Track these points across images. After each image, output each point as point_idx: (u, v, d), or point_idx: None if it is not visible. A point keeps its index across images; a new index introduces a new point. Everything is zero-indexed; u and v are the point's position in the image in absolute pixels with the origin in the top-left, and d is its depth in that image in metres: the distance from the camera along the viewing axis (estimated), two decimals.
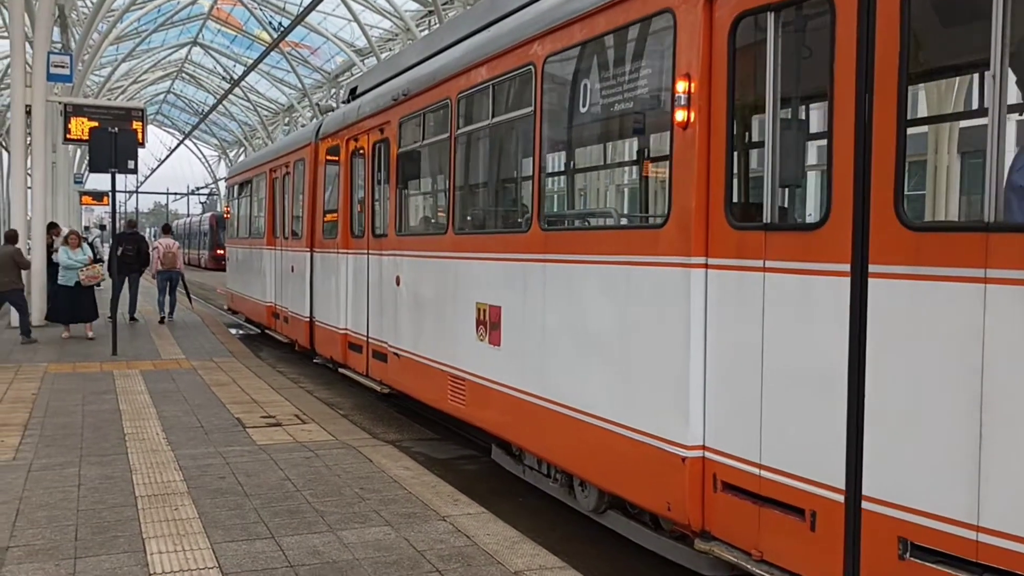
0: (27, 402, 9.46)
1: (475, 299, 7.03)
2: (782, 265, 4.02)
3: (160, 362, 12.73)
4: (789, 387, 4.01)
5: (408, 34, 36.29)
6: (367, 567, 4.80)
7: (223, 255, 48.83)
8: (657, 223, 5.13)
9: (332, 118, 12.21)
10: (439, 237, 7.97)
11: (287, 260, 13.93)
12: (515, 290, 6.37)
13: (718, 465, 4.41)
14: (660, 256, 4.73)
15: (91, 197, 40.23)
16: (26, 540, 5.15)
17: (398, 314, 8.89)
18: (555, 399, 5.80)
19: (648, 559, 5.49)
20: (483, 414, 7.01)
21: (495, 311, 6.67)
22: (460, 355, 7.36)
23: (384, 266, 9.37)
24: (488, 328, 6.78)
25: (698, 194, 4.44)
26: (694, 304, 4.49)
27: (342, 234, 10.95)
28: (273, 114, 63.54)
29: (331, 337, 11.35)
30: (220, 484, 6.41)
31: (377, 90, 10.22)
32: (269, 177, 15.58)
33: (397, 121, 9.01)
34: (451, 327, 7.54)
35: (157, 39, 51.78)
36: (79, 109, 18.07)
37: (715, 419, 4.45)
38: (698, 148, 4.43)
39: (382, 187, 9.65)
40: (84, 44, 29.54)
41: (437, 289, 7.95)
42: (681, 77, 4.51)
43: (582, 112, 5.79)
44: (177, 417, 8.83)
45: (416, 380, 8.48)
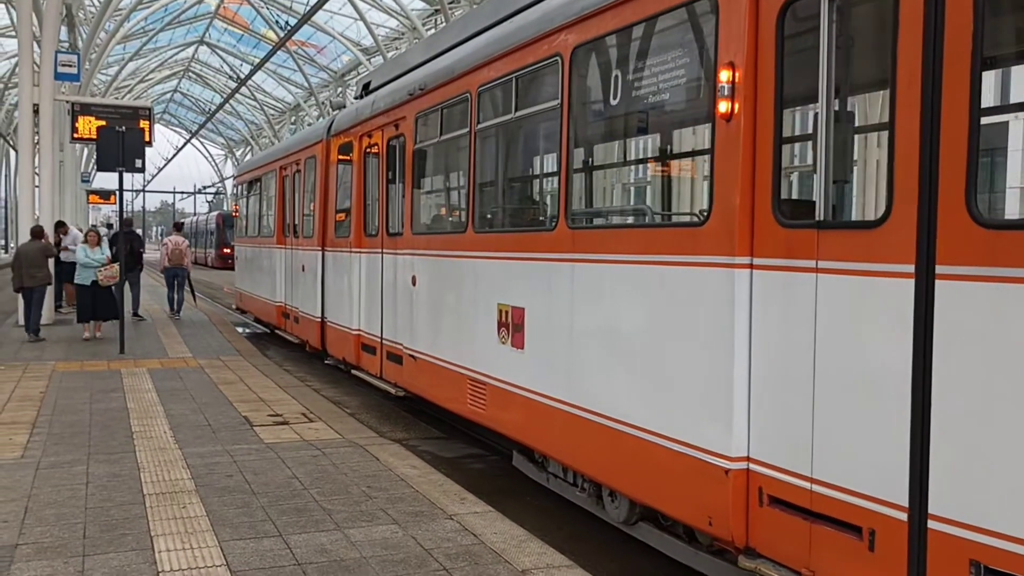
0: (35, 400, 9.49)
1: (496, 300, 6.77)
2: (837, 266, 3.76)
3: (167, 360, 12.75)
4: (845, 395, 3.74)
5: (414, 33, 36.30)
6: (374, 565, 4.81)
7: (229, 254, 49.06)
8: (697, 221, 4.90)
9: (344, 115, 11.96)
10: (458, 236, 7.72)
11: (298, 259, 13.69)
12: (540, 291, 6.14)
13: (764, 478, 4.15)
14: (701, 256, 4.49)
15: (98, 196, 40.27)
16: (35, 537, 5.17)
17: (414, 315, 8.64)
18: (584, 405, 5.54)
19: (655, 558, 5.48)
20: (505, 419, 6.77)
21: (518, 313, 6.43)
22: (480, 358, 7.11)
23: (399, 266, 9.13)
24: (510, 330, 6.54)
25: (743, 190, 4.21)
26: (738, 307, 4.23)
27: (355, 233, 10.70)
28: (280, 113, 63.65)
29: (343, 338, 11.14)
30: (228, 482, 6.42)
31: (391, 85, 9.98)
32: (279, 175, 15.36)
33: (413, 116, 8.75)
34: (470, 329, 7.30)
35: (164, 38, 51.93)
36: (86, 108, 18.08)
37: (760, 429, 4.19)
38: (743, 141, 4.20)
39: (397, 184, 9.40)
40: (91, 43, 29.64)
41: (455, 289, 7.70)
42: (724, 66, 4.28)
43: (613, 104, 5.54)
44: (184, 415, 8.84)
45: (433, 383, 8.22)
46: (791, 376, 4.00)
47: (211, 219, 55.02)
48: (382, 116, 9.81)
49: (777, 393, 4.10)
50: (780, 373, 4.08)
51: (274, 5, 42.25)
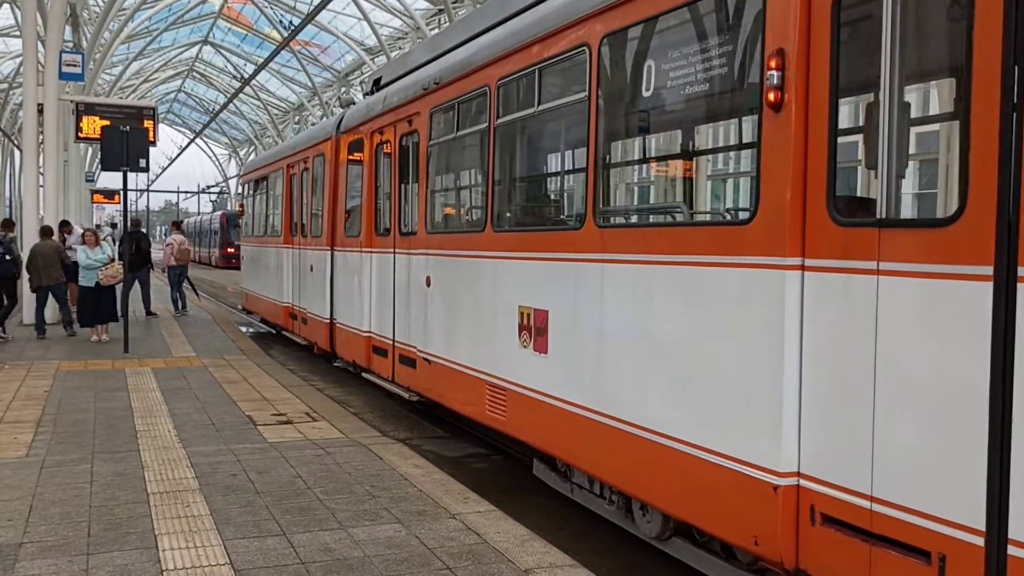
0: (40, 399, 9.54)
1: (517, 302, 6.48)
2: (901, 267, 3.46)
3: (171, 360, 12.78)
4: (911, 408, 3.44)
5: (418, 33, 36.31)
6: (378, 564, 4.82)
7: (233, 253, 49.15)
8: (741, 219, 4.64)
9: (355, 111, 11.72)
10: (476, 235, 7.41)
11: (306, 259, 13.43)
12: (565, 293, 5.85)
13: (817, 495, 3.84)
14: (746, 256, 4.19)
15: (102, 195, 40.36)
16: (39, 536, 5.18)
17: (428, 317, 8.35)
18: (614, 414, 5.24)
19: (658, 557, 5.48)
20: (526, 427, 6.48)
21: (541, 316, 6.15)
22: (500, 362, 6.81)
23: (412, 266, 8.85)
24: (533, 334, 6.25)
25: (794, 186, 3.91)
26: (788, 310, 3.93)
27: (366, 232, 10.43)
28: (283, 113, 63.70)
29: (353, 340, 10.87)
30: (231, 481, 6.43)
31: (404, 80, 9.71)
32: (286, 173, 15.12)
33: (428, 112, 8.47)
34: (489, 332, 7.01)
35: (168, 38, 51.97)
36: (91, 108, 18.12)
37: (813, 443, 3.89)
38: (794, 133, 3.91)
39: (410, 182, 9.12)
40: (95, 43, 29.65)
41: (473, 291, 7.41)
42: (773, 53, 3.99)
43: (645, 96, 5.23)
44: (188, 414, 8.85)
45: (449, 388, 7.92)
46: (848, 386, 3.71)
47: (215, 218, 55.07)
48: (394, 112, 9.54)
49: (831, 404, 3.81)
50: (835, 383, 3.78)
51: (278, 5, 42.25)
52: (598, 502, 5.97)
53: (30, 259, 15.04)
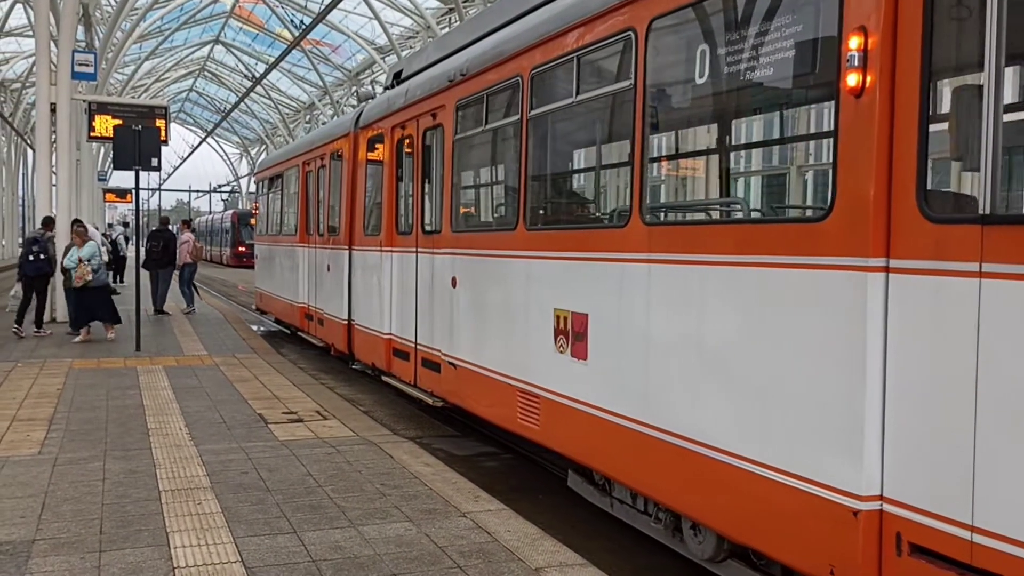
0: (52, 397, 9.58)
1: (553, 305, 6.10)
2: (1010, 269, 3.05)
3: (183, 358, 12.83)
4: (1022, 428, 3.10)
5: (428, 32, 36.32)
6: (388, 563, 4.82)
7: (245, 252, 49.34)
8: (814, 215, 4.22)
9: (374, 105, 11.28)
10: (507, 234, 7.00)
11: (322, 258, 13.12)
12: (607, 295, 5.47)
13: (904, 522, 3.47)
14: (820, 256, 3.81)
15: (115, 194, 40.59)
16: (52, 533, 5.20)
17: (454, 320, 7.97)
18: (664, 427, 4.87)
19: (669, 556, 5.47)
20: (562, 437, 6.10)
21: (579, 319, 5.77)
22: (533, 368, 6.44)
23: (436, 266, 8.46)
24: (570, 339, 5.87)
25: (878, 178, 3.53)
26: (871, 316, 3.54)
27: (386, 231, 10.06)
28: (294, 112, 63.88)
29: (373, 342, 10.50)
30: (243, 479, 6.45)
31: (427, 72, 9.31)
32: (302, 170, 14.79)
33: (453, 105, 8.07)
34: (522, 336, 6.64)
35: (180, 37, 52.22)
36: (103, 107, 18.22)
37: (899, 463, 3.51)
38: (878, 120, 3.54)
39: (434, 178, 8.74)
40: (108, 42, 29.79)
41: (504, 292, 7.03)
42: (853, 31, 3.61)
43: (699, 83, 4.82)
44: (200, 412, 8.88)
45: (477, 394, 7.54)
46: (941, 402, 3.34)
47: (226, 217, 55.27)
48: (417, 105, 9.16)
49: (921, 422, 3.43)
50: (926, 398, 3.41)
51: (289, 4, 42.36)
52: (642, 519, 5.60)
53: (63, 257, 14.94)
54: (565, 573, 4.72)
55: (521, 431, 6.67)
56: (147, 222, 52.80)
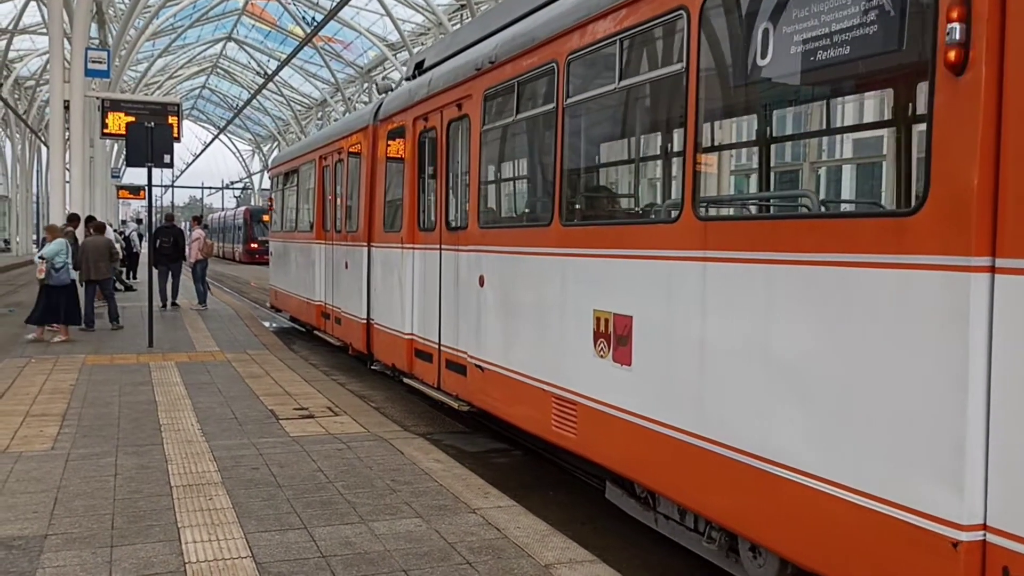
0: (65, 393, 9.63)
1: (592, 306, 5.69)
2: None
3: (195, 354, 12.86)
4: None
5: (440, 28, 36.34)
6: (398, 558, 4.83)
7: (257, 249, 49.56)
8: (901, 209, 3.78)
9: (394, 97, 10.81)
10: (540, 230, 6.56)
11: (340, 255, 12.75)
12: (655, 296, 5.06)
13: (1011, 555, 3.09)
14: (909, 255, 3.40)
15: (128, 191, 40.82)
16: (63, 528, 5.22)
17: (482, 320, 7.57)
18: (722, 440, 4.45)
19: (680, 554, 5.45)
20: (601, 447, 5.70)
21: (623, 322, 5.34)
22: (570, 373, 6.02)
23: (462, 264, 8.07)
24: (612, 343, 5.45)
25: (983, 166, 3.14)
26: (973, 323, 3.15)
27: (407, 227, 9.65)
28: (306, 109, 64.06)
29: (393, 343, 10.15)
30: (254, 475, 6.46)
31: (452, 61, 8.85)
32: (319, 165, 14.42)
33: (481, 94, 7.63)
34: (557, 339, 6.23)
35: (192, 35, 52.46)
36: (116, 104, 18.30)
37: (1005, 488, 3.13)
38: (984, 100, 3.14)
39: (460, 172, 8.34)
40: (121, 40, 29.93)
41: (536, 292, 6.61)
42: (954, 2, 3.23)
43: (762, 65, 4.36)
44: (211, 408, 8.91)
45: (506, 399, 7.13)
46: None
47: (239, 214, 55.47)
48: (441, 96, 8.71)
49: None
50: None
51: (301, 1, 42.49)
52: (691, 537, 5.19)
53: (80, 253, 15.38)
54: (575, 570, 4.71)
55: (556, 440, 6.26)
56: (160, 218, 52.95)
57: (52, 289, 13.89)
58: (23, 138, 52.17)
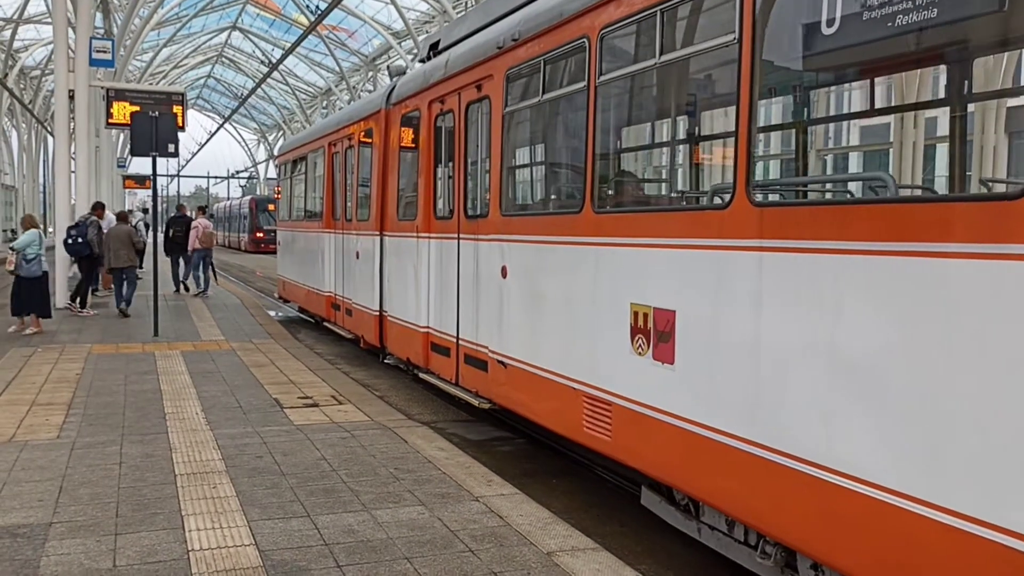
0: (71, 382, 9.67)
1: (629, 299, 5.31)
2: None
3: (200, 343, 12.89)
4: None
5: (444, 16, 36.22)
6: (401, 546, 4.84)
7: (263, 238, 49.65)
8: (1009, 192, 3.37)
9: (408, 80, 10.37)
10: (570, 217, 6.17)
11: (351, 245, 12.36)
12: (701, 289, 4.68)
13: None
14: (1018, 244, 3.04)
15: (134, 181, 40.88)
16: (68, 516, 5.25)
17: (504, 313, 7.17)
18: (780, 447, 4.09)
19: (682, 540, 5.46)
20: (639, 451, 5.32)
21: (664, 317, 4.96)
22: (604, 371, 5.65)
23: (482, 253, 7.67)
24: (652, 339, 5.07)
25: None
26: None
27: (423, 215, 9.27)
28: (311, 97, 64.01)
29: (407, 336, 9.77)
30: (258, 463, 6.49)
31: (471, 41, 8.40)
32: (328, 152, 14.04)
33: (503, 74, 7.23)
34: (589, 334, 5.87)
35: (197, 24, 52.44)
36: (121, 94, 18.29)
37: None
38: None
39: (480, 157, 7.94)
40: (126, 30, 29.90)
41: (566, 284, 6.22)
42: None
43: (828, 35, 3.98)
44: (216, 397, 8.94)
45: (532, 397, 6.77)
46: None
47: (244, 203, 55.55)
48: (459, 77, 8.30)
49: None
50: None
51: None
52: (740, 550, 4.77)
53: (103, 242, 15.83)
54: (577, 557, 4.72)
55: (587, 442, 5.90)
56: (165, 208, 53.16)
57: (23, 281, 13.54)
58: (29, 128, 52.28)
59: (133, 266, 16.27)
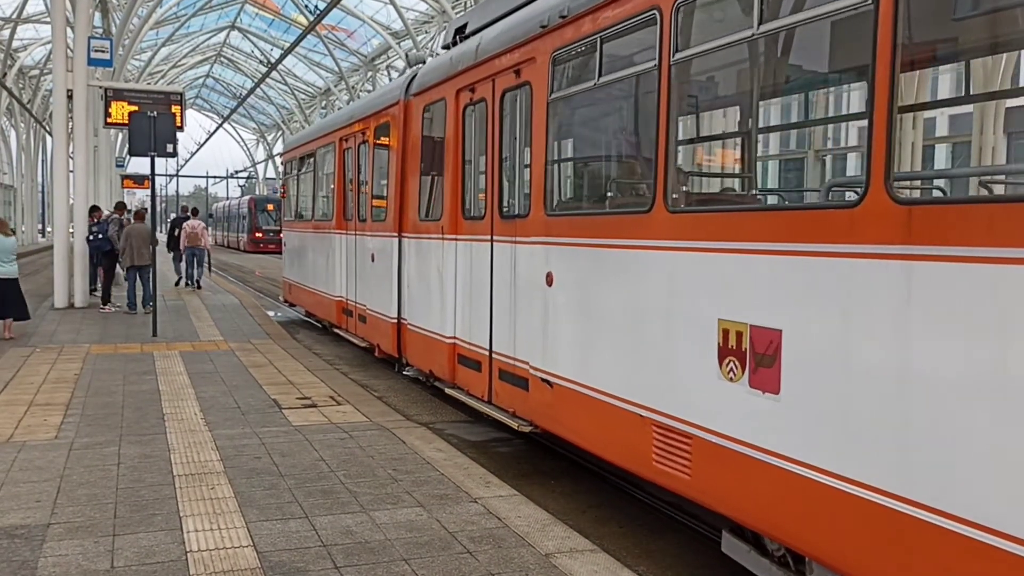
0: (69, 382, 9.67)
1: (716, 315, 4.58)
2: None
3: (199, 344, 12.90)
4: None
5: (444, 16, 36.21)
6: (399, 547, 4.84)
7: (261, 238, 49.66)
8: None
9: (432, 68, 9.63)
10: (636, 218, 5.41)
11: (365, 246, 11.69)
12: (818, 304, 3.93)
13: None
14: None
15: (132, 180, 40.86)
16: (66, 517, 5.25)
17: (550, 326, 6.45)
18: (941, 507, 3.33)
19: (680, 542, 5.47)
20: (728, 494, 4.54)
21: (764, 337, 4.23)
22: (682, 398, 4.91)
23: (522, 257, 6.95)
24: (748, 363, 4.34)
25: None
26: None
27: (449, 215, 8.53)
28: (310, 97, 63.96)
29: (430, 346, 9.06)
30: (256, 464, 6.49)
31: (505, 21, 7.64)
32: (339, 148, 13.36)
33: (548, 57, 6.50)
34: (663, 353, 5.11)
35: (196, 23, 52.40)
36: (119, 93, 18.26)
37: None
38: None
39: (518, 150, 7.29)
40: (124, 29, 29.87)
41: (630, 295, 5.47)
42: None
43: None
44: (215, 398, 8.94)
45: (585, 423, 6.01)
46: None
47: (243, 203, 55.54)
48: (493, 61, 7.58)
49: None
50: None
51: None
52: None
53: (124, 240, 16.14)
54: (575, 559, 4.73)
55: (657, 479, 5.14)
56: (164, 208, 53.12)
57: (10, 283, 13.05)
58: (27, 127, 52.20)
59: (151, 264, 16.26)
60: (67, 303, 17.00)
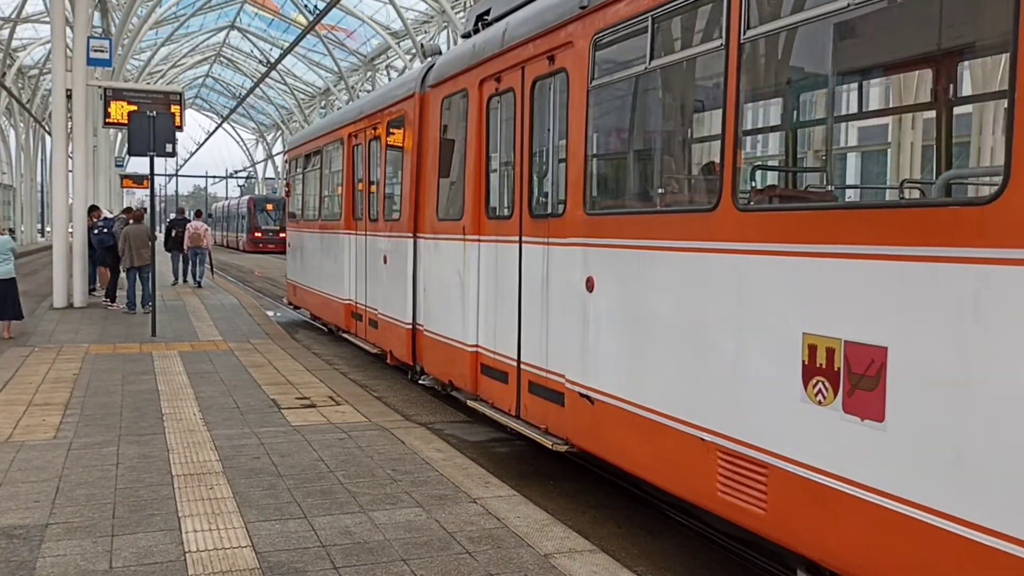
0: (68, 382, 9.66)
1: (801, 328, 4.04)
2: None
3: (198, 343, 12.88)
4: None
5: (443, 16, 36.23)
6: (398, 548, 4.84)
7: (261, 238, 49.66)
8: None
9: (451, 57, 9.03)
10: (697, 216, 4.88)
11: (376, 247, 11.15)
12: (937, 319, 3.40)
13: None
14: None
15: (132, 180, 40.90)
16: (65, 517, 5.24)
17: (591, 336, 5.88)
18: None
19: (678, 542, 5.47)
20: (812, 534, 4.00)
21: (866, 355, 3.69)
22: (755, 421, 4.34)
23: (556, 260, 6.42)
24: (843, 384, 3.80)
25: None
26: None
27: (471, 214, 7.95)
28: (310, 97, 63.97)
29: (450, 355, 8.45)
30: (255, 464, 6.48)
31: (535, 5, 7.11)
32: (347, 144, 12.80)
33: (589, 40, 5.93)
34: (730, 370, 4.54)
35: (195, 23, 52.42)
36: (119, 93, 18.26)
37: None
38: None
39: (551, 143, 6.78)
40: (124, 29, 29.89)
41: (691, 303, 4.89)
42: None
43: None
44: (214, 398, 8.93)
45: (633, 444, 5.42)
46: None
47: (243, 203, 55.54)
48: (523, 48, 7.02)
49: None
50: None
51: None
52: None
53: (123, 241, 16.29)
54: (574, 559, 4.72)
55: (724, 512, 4.57)
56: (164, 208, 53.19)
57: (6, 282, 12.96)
58: (27, 127, 52.19)
59: (150, 264, 16.33)
60: (66, 303, 16.99)
